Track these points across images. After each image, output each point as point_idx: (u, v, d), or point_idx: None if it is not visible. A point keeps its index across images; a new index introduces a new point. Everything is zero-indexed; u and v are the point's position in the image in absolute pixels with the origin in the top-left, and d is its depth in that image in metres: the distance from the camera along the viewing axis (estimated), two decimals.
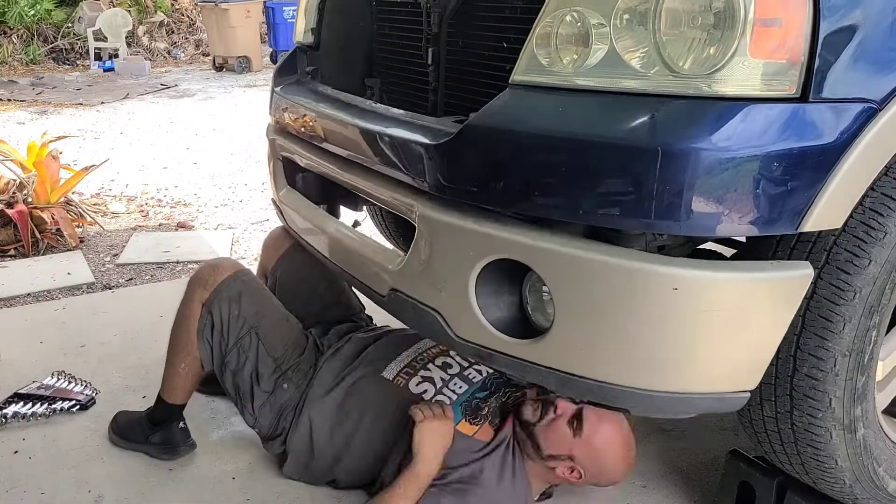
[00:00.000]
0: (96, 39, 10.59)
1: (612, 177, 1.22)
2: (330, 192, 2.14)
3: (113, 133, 6.66)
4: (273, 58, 10.55)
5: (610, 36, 1.25)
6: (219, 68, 10.47)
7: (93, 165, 4.25)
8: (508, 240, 1.34)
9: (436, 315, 1.50)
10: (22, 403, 2.28)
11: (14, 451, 2.13)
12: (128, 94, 8.50)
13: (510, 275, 1.40)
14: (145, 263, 3.59)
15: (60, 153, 4.23)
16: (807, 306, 1.34)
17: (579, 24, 1.29)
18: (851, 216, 1.31)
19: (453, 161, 1.41)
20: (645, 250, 1.36)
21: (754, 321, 1.27)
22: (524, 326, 1.43)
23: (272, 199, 2.30)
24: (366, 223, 2.40)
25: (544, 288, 1.36)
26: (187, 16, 12.26)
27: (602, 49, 1.27)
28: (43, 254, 3.64)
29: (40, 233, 3.67)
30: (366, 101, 1.91)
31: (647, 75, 1.23)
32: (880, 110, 1.22)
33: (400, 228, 2.73)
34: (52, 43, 10.99)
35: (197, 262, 3.58)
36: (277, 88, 2.18)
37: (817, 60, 1.17)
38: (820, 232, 1.32)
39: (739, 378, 1.33)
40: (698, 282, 1.23)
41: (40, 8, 10.68)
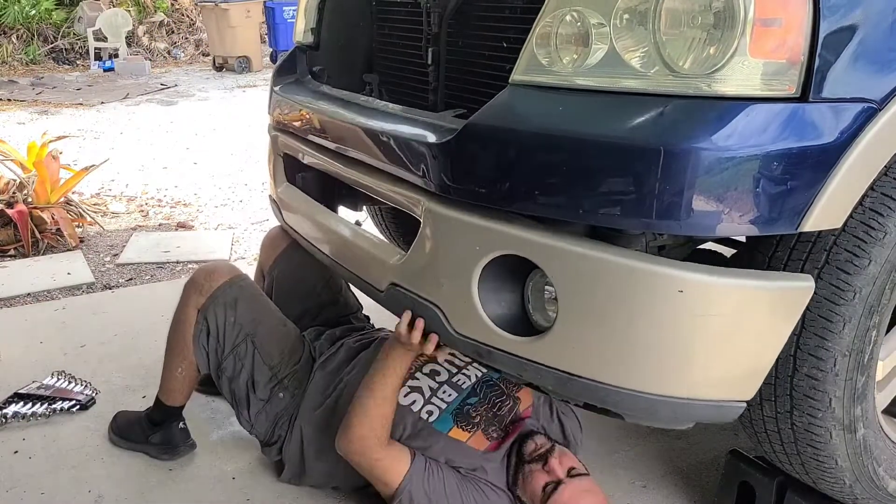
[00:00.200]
0: (96, 39, 10.58)
1: (612, 176, 1.22)
2: (330, 190, 2.14)
3: (113, 133, 6.65)
4: (273, 58, 10.55)
5: (610, 36, 1.25)
6: (219, 68, 10.47)
7: (93, 165, 4.25)
8: (516, 236, 1.34)
9: (436, 310, 1.50)
10: (22, 403, 2.28)
11: (14, 451, 2.13)
12: (128, 94, 8.50)
13: (513, 272, 1.40)
14: (145, 263, 3.59)
15: (60, 153, 4.23)
16: (807, 306, 1.34)
17: (579, 24, 1.29)
18: (851, 216, 1.31)
19: (454, 159, 1.41)
20: (645, 250, 1.36)
21: (754, 329, 1.27)
22: (524, 325, 1.43)
23: (270, 196, 2.30)
24: (366, 224, 2.39)
25: (547, 286, 1.36)
26: (187, 16, 12.25)
27: (602, 49, 1.27)
28: (43, 254, 3.64)
29: (40, 233, 3.67)
30: (365, 98, 1.91)
31: (647, 75, 1.23)
32: (880, 110, 1.23)
33: (400, 228, 2.73)
34: (52, 43, 10.99)
35: (197, 262, 3.59)
36: (277, 88, 2.18)
37: (817, 60, 1.17)
38: (820, 232, 1.32)
39: (737, 386, 1.33)
40: (703, 286, 1.23)
41: (41, 8, 10.68)
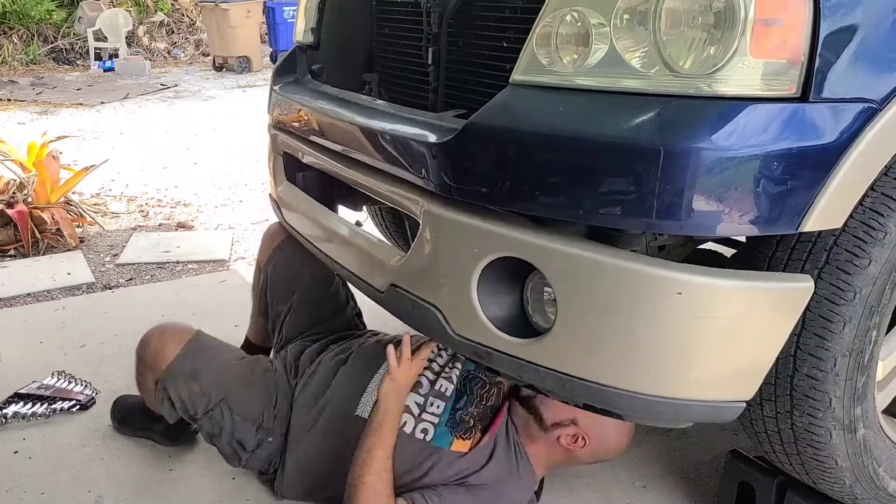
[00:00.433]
0: (96, 39, 10.58)
1: (612, 176, 1.22)
2: (330, 189, 2.14)
3: (113, 133, 6.65)
4: (273, 58, 10.54)
5: (610, 36, 1.25)
6: (219, 68, 10.47)
7: (93, 165, 4.24)
8: (515, 238, 1.34)
9: (435, 312, 1.49)
10: (22, 403, 2.28)
11: (14, 451, 2.13)
12: (128, 94, 8.50)
13: (512, 274, 1.40)
14: (145, 263, 3.59)
15: (60, 153, 4.23)
16: (807, 306, 1.34)
17: (579, 24, 1.29)
18: (851, 216, 1.31)
19: (454, 159, 1.41)
20: (645, 250, 1.36)
21: (753, 330, 1.27)
22: (523, 327, 1.43)
23: (270, 195, 2.29)
24: (366, 224, 2.39)
25: (546, 288, 1.36)
26: (187, 16, 12.25)
27: (602, 49, 1.26)
28: (43, 254, 3.64)
29: (40, 233, 3.67)
30: (365, 98, 1.91)
31: (648, 75, 1.23)
32: (880, 110, 1.22)
33: (400, 228, 2.73)
34: (52, 43, 10.98)
35: (197, 262, 3.59)
36: (276, 87, 2.18)
37: (817, 60, 1.17)
38: (820, 232, 1.32)
39: (736, 387, 1.33)
40: (702, 287, 1.22)
41: (41, 8, 10.68)
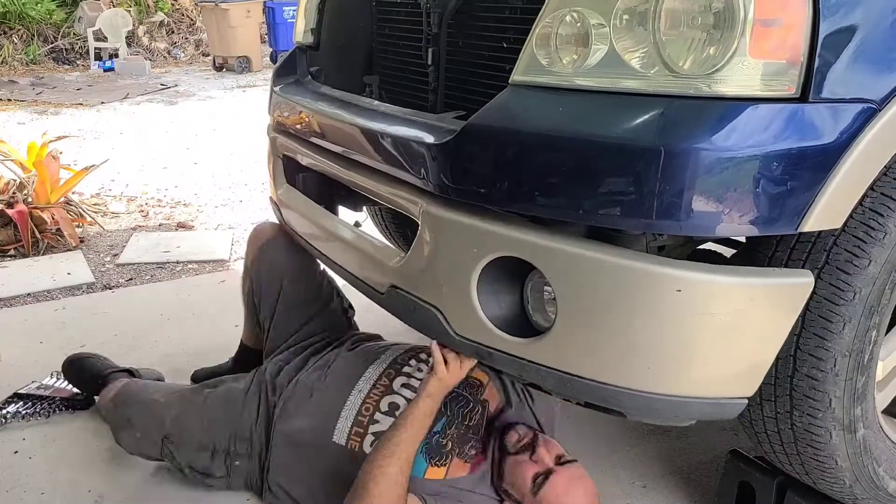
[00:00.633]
0: (96, 39, 10.59)
1: (612, 177, 1.22)
2: (330, 191, 2.14)
3: (113, 133, 6.65)
4: (273, 58, 10.55)
5: (610, 36, 1.25)
6: (219, 68, 10.47)
7: (93, 165, 4.24)
8: (514, 238, 1.34)
9: (436, 312, 1.50)
10: (22, 403, 2.28)
11: (14, 451, 2.13)
12: (128, 94, 8.50)
13: (512, 273, 1.40)
14: (145, 263, 3.59)
15: (60, 153, 4.23)
16: (807, 307, 1.34)
17: (579, 25, 1.29)
18: (851, 216, 1.31)
19: (453, 160, 1.41)
20: (645, 251, 1.36)
21: (754, 326, 1.27)
22: (524, 326, 1.43)
23: (270, 198, 2.29)
24: (366, 224, 2.39)
25: (546, 287, 1.36)
26: (187, 16, 12.25)
27: (602, 49, 1.27)
28: (43, 254, 3.64)
29: (40, 233, 3.67)
30: (365, 100, 1.91)
31: (647, 75, 1.23)
32: (880, 110, 1.22)
33: (400, 229, 2.73)
34: (53, 43, 10.98)
35: (197, 262, 3.59)
36: (276, 88, 2.18)
37: (817, 60, 1.17)
38: (820, 232, 1.32)
39: (737, 384, 1.33)
40: (701, 284, 1.23)
41: (41, 8, 10.68)
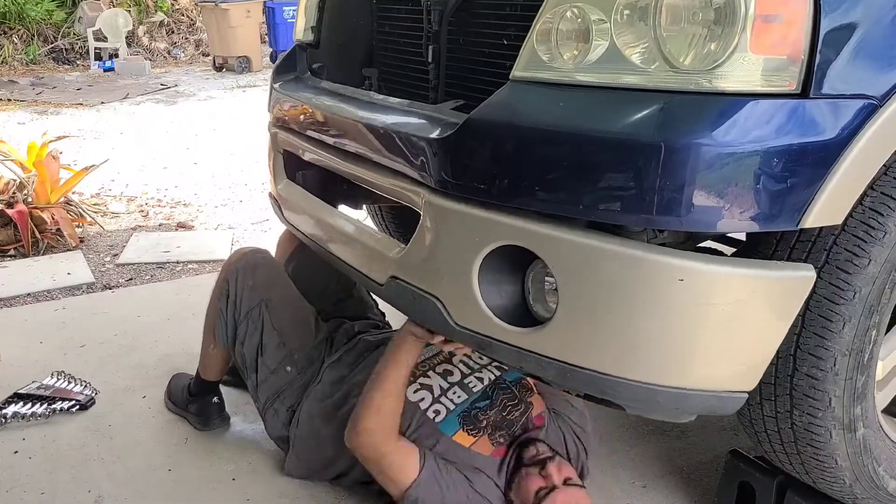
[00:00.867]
0: (96, 39, 10.59)
1: (613, 172, 1.22)
2: (330, 187, 2.14)
3: (113, 133, 6.65)
4: (273, 58, 10.55)
5: (610, 32, 1.25)
6: (219, 68, 10.47)
7: (93, 165, 4.24)
8: (515, 227, 1.34)
9: (436, 302, 1.49)
10: (22, 403, 2.28)
11: (14, 451, 2.12)
12: (128, 94, 8.50)
13: (513, 263, 1.40)
14: (145, 263, 3.59)
15: (60, 153, 4.23)
16: (807, 306, 1.34)
17: (580, 20, 1.28)
18: (851, 215, 1.31)
19: (454, 155, 1.41)
20: None
21: (755, 318, 1.27)
22: (524, 316, 1.42)
23: (270, 193, 2.30)
24: (365, 224, 2.39)
25: (548, 277, 1.36)
26: (187, 16, 12.25)
27: (602, 45, 1.26)
28: (43, 254, 3.64)
29: (40, 233, 3.67)
30: (365, 94, 1.91)
31: (648, 71, 1.23)
32: (881, 107, 1.22)
33: (400, 227, 2.73)
34: (53, 43, 10.99)
35: (197, 262, 3.59)
36: (276, 84, 2.18)
37: (818, 56, 1.17)
38: (820, 230, 1.32)
39: (738, 377, 1.32)
40: (704, 274, 1.22)
41: (41, 8, 10.69)
